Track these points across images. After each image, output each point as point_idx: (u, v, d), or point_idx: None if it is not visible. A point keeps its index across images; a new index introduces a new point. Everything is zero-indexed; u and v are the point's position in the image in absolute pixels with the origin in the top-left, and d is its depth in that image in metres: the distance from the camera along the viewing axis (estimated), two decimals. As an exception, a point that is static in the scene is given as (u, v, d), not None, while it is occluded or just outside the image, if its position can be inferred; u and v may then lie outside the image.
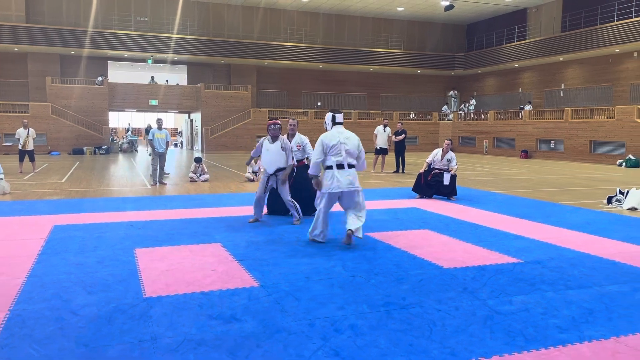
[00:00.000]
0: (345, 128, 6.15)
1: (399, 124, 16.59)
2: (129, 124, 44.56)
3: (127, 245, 5.95)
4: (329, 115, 6.25)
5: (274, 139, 7.34)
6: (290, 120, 8.22)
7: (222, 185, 12.51)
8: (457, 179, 10.45)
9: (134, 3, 28.88)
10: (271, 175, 7.36)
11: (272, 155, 7.28)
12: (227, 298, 4.16)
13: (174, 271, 4.92)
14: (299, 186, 7.76)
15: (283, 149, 7.28)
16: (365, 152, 6.45)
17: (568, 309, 3.98)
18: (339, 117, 6.21)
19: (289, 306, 3.99)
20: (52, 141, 26.18)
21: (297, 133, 8.15)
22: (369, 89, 34.11)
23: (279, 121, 7.44)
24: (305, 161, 8.02)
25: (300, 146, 8.03)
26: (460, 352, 3.21)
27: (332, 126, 6.19)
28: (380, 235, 6.63)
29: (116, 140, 29.78)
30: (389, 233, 6.80)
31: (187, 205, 9.14)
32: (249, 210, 8.49)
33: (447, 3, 27.36)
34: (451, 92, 34.67)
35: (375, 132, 16.29)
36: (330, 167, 5.97)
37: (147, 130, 27.67)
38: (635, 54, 24.07)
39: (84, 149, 25.72)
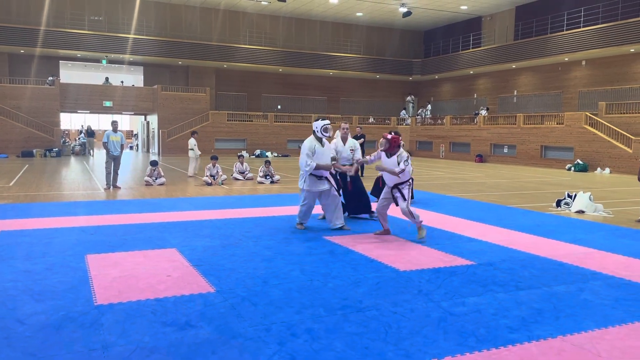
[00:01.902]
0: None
1: (358, 128, 16.75)
2: (82, 125, 43.26)
3: (78, 251, 5.77)
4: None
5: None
6: (342, 125, 8.51)
7: (178, 189, 12.30)
8: (414, 182, 10.61)
9: (87, 2, 28.09)
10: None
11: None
12: (182, 304, 4.09)
13: (127, 277, 4.80)
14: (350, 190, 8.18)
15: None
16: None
17: (518, 310, 4.10)
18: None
19: (246, 311, 3.96)
20: (-1, 143, 25.15)
21: (349, 137, 8.42)
22: (329, 93, 34.29)
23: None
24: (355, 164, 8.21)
25: (353, 150, 8.23)
26: (415, 354, 3.26)
27: None
28: (338, 239, 6.67)
29: (68, 142, 28.85)
30: (346, 237, 6.85)
31: (142, 209, 8.94)
32: (207, 215, 8.38)
33: (405, 9, 27.83)
34: (409, 97, 35.26)
35: (335, 136, 16.35)
36: None
37: (88, 132, 26.46)
38: (584, 63, 25.11)
39: (34, 151, 24.80)
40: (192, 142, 15.41)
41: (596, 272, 5.27)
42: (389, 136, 6.71)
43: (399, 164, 6.53)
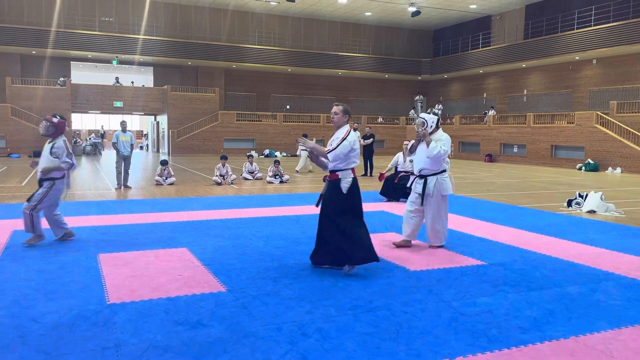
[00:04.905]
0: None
1: (368, 128, 16.74)
2: (102, 126, 43.76)
3: (90, 251, 5.82)
4: (434, 118, 6.19)
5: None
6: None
7: (188, 188, 12.36)
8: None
9: (98, 3, 28.30)
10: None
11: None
12: (194, 303, 4.11)
13: (138, 277, 4.83)
14: None
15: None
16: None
17: (530, 310, 4.08)
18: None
19: (257, 310, 3.97)
20: (11, 143, 25.38)
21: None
22: (337, 92, 34.27)
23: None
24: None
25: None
26: (426, 354, 3.25)
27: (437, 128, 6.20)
28: (348, 239, 6.65)
29: (79, 142, 29.06)
30: (356, 236, 6.82)
31: (153, 209, 8.99)
32: (217, 214, 8.42)
33: (414, 9, 27.76)
34: (418, 97, 35.17)
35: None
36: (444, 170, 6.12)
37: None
38: (594, 62, 24.90)
39: (46, 151, 24.98)
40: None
41: (608, 272, 5.23)
42: (55, 120, 6.08)
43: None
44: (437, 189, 6.07)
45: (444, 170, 6.15)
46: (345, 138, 4.95)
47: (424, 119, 6.18)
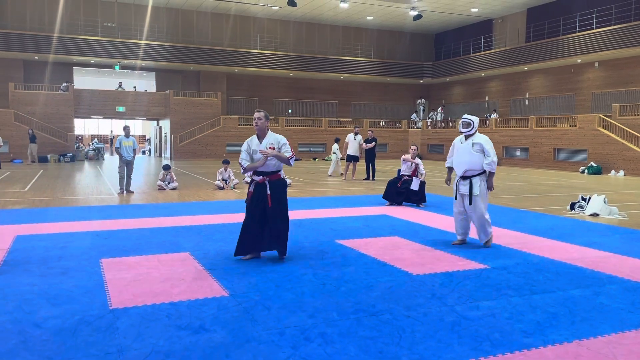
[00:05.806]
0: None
1: (370, 132, 16.74)
2: (112, 131, 43.86)
3: (93, 256, 5.83)
4: (477, 119, 6.51)
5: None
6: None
7: (191, 193, 12.37)
8: (426, 185, 10.60)
9: (100, 8, 28.41)
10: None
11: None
12: (196, 308, 4.11)
13: (141, 281, 4.84)
14: None
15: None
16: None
17: (533, 314, 4.07)
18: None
19: (259, 315, 3.97)
20: (14, 149, 25.43)
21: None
22: (339, 96, 34.31)
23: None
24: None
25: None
26: (429, 358, 3.24)
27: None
28: (350, 243, 6.67)
29: (82, 147, 29.14)
30: (359, 240, 6.84)
31: (155, 213, 9.00)
32: (219, 219, 8.42)
33: (416, 13, 27.80)
34: (420, 100, 35.18)
35: (346, 139, 16.43)
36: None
37: (30, 137, 23.87)
38: (596, 64, 24.88)
39: (48, 156, 25.07)
40: (335, 146, 17.84)
41: (612, 275, 5.21)
42: None
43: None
44: (482, 189, 6.43)
45: (484, 171, 6.43)
46: (286, 143, 5.80)
47: (470, 119, 6.42)
